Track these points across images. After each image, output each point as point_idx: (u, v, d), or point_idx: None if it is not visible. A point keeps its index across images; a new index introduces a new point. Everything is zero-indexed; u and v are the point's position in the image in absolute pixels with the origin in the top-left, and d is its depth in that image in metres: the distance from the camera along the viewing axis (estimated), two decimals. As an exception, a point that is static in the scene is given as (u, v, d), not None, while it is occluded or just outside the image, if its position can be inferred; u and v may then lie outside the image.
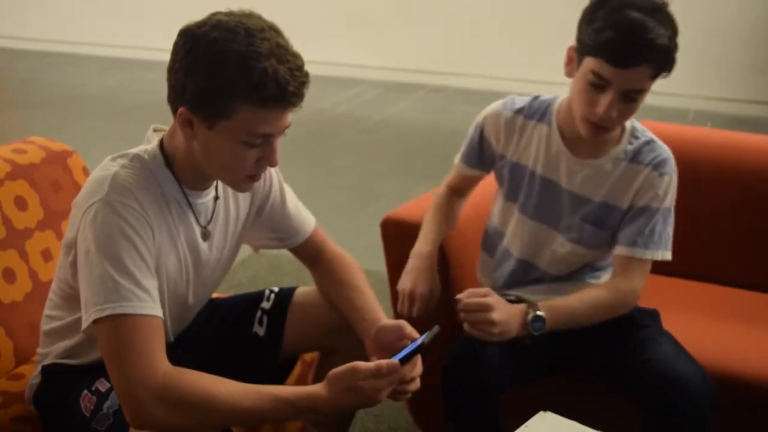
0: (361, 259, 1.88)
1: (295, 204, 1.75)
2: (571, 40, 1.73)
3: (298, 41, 1.43)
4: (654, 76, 1.64)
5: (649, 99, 1.74)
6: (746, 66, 5.63)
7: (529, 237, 1.91)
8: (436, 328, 1.49)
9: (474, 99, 5.98)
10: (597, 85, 1.65)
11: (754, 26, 5.60)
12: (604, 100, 1.64)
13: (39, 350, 1.69)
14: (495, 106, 1.93)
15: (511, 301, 1.77)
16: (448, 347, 1.80)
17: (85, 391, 1.57)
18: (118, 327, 1.37)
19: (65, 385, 1.61)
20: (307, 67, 1.41)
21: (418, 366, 1.51)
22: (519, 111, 1.88)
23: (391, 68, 6.44)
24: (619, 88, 1.63)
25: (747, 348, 1.96)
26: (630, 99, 1.66)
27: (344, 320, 1.69)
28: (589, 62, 1.65)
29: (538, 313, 1.69)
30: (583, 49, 1.67)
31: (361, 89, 6.24)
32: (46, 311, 1.67)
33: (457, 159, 2.00)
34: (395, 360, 1.42)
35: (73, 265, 1.47)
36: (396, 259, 2.09)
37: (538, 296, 1.84)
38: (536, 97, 1.89)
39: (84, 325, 1.40)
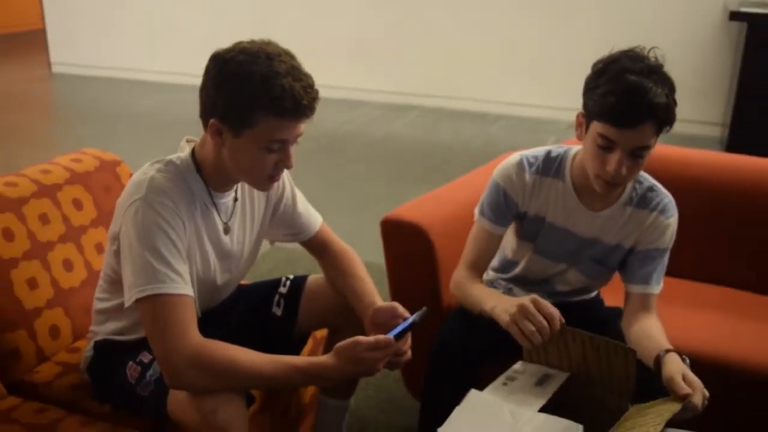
0: (364, 253, 1.88)
1: (304, 204, 1.76)
2: (544, 68, 1.69)
3: (310, 68, 1.46)
4: (657, 132, 1.56)
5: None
6: (689, 89, 5.57)
7: (543, 269, 1.86)
8: (424, 309, 1.50)
9: (461, 118, 6.05)
10: (605, 146, 1.57)
11: (686, 53, 5.48)
12: (613, 159, 1.56)
13: (91, 327, 1.71)
14: (511, 168, 1.77)
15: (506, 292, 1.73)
16: (437, 333, 1.74)
17: (131, 362, 1.59)
18: (156, 305, 1.39)
19: (114, 358, 1.63)
20: (318, 91, 1.44)
21: (408, 341, 1.53)
22: (536, 171, 1.76)
23: (390, 92, 6.44)
24: (626, 147, 1.55)
25: (746, 343, 1.91)
26: (637, 156, 1.57)
27: (347, 303, 1.70)
28: (596, 126, 1.57)
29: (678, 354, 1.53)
30: (589, 114, 1.59)
31: (365, 110, 6.25)
32: (97, 294, 1.69)
33: (484, 224, 1.79)
34: (390, 335, 1.44)
35: (117, 254, 1.50)
36: (393, 253, 2.09)
37: (525, 293, 1.83)
38: (548, 152, 1.78)
39: (127, 303, 1.42)
